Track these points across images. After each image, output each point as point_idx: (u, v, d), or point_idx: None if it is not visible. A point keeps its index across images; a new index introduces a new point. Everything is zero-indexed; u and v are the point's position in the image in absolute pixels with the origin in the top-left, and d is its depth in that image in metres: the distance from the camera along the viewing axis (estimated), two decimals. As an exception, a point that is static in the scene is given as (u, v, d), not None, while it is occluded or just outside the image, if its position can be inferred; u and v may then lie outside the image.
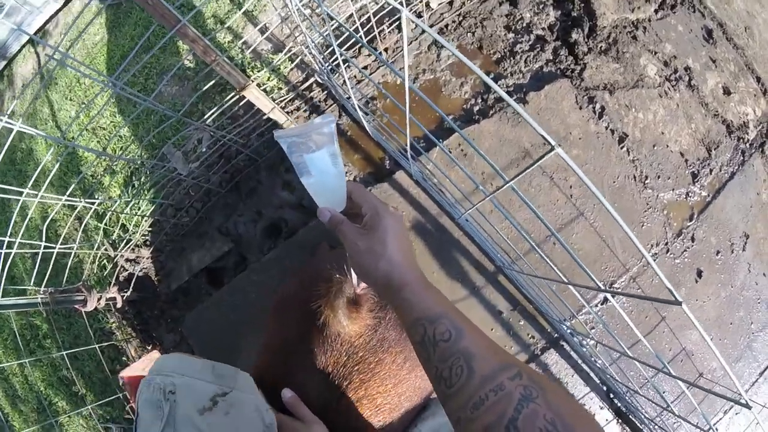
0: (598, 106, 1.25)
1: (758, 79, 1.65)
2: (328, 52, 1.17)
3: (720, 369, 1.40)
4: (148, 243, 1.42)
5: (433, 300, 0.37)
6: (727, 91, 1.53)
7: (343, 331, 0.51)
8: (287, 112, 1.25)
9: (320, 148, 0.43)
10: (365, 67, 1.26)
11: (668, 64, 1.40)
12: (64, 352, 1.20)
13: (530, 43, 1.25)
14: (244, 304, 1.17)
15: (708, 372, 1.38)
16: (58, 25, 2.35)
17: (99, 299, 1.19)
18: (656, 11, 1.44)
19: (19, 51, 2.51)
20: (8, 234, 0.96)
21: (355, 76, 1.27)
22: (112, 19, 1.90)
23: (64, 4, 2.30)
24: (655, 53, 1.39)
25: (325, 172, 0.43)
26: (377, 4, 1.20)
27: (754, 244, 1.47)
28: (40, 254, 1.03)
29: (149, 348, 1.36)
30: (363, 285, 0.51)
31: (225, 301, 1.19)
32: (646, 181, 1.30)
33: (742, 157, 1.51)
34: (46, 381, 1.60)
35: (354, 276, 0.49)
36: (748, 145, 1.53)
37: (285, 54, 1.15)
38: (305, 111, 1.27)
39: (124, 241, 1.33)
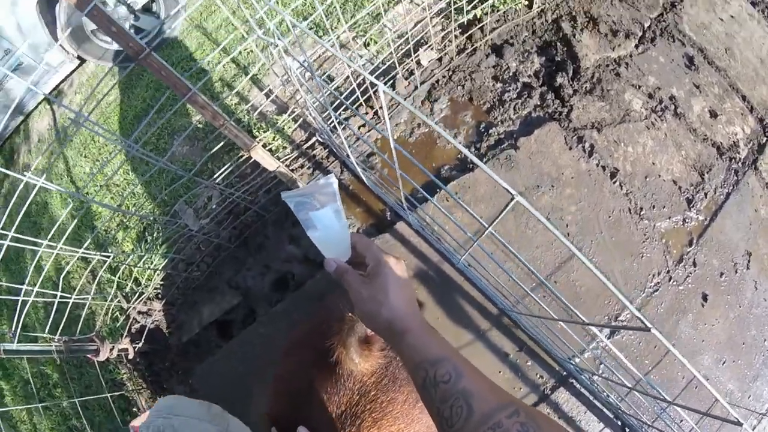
0: (587, 144, 1.30)
1: (744, 98, 1.69)
2: (326, 114, 1.25)
3: (738, 390, 1.39)
4: (160, 296, 1.47)
5: (434, 344, 0.40)
6: (713, 114, 1.57)
7: (356, 369, 0.53)
8: (292, 170, 1.33)
9: (324, 205, 0.48)
10: (363, 125, 1.34)
11: (653, 96, 1.46)
12: (77, 399, 1.24)
13: (518, 90, 1.32)
14: (252, 356, 1.21)
15: (726, 394, 1.37)
16: (72, 84, 2.51)
17: (111, 350, 1.24)
18: (636, 46, 1.51)
19: (36, 107, 2.67)
20: (25, 283, 1.01)
21: (354, 134, 1.34)
22: (125, 81, 2.03)
23: (79, 65, 2.46)
24: (639, 87, 1.45)
25: (329, 226, 0.48)
26: (372, 64, 1.28)
27: (758, 261, 1.48)
28: (56, 304, 1.08)
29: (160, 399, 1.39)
30: None
31: (235, 353, 1.23)
32: (642, 213, 1.34)
33: (735, 177, 1.54)
34: (56, 430, 1.62)
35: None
36: (740, 164, 1.56)
37: (288, 115, 1.23)
38: (309, 168, 1.34)
39: (137, 294, 1.39)
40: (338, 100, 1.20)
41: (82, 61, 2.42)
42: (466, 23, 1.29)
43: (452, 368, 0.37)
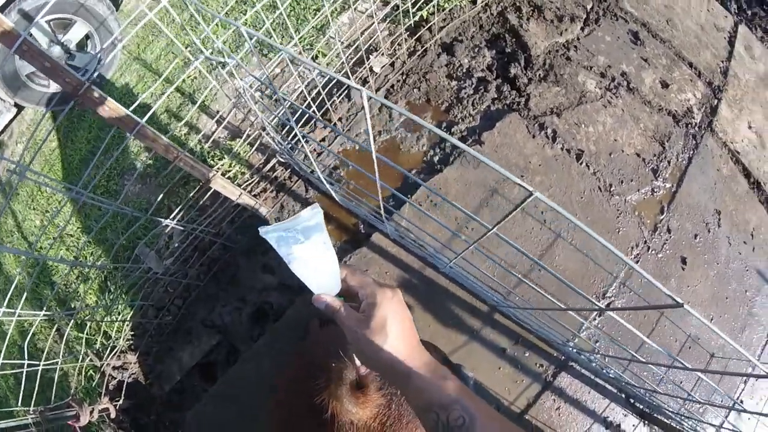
0: (549, 130, 1.31)
1: (690, 65, 1.76)
2: (285, 131, 1.20)
3: (729, 345, 1.42)
4: (133, 347, 1.38)
5: (443, 385, 0.38)
6: (665, 84, 1.63)
7: (356, 418, 0.49)
8: (254, 195, 1.27)
9: (309, 238, 0.43)
10: (323, 139, 1.30)
11: (605, 75, 1.49)
12: (64, 473, 1.13)
13: (474, 86, 1.32)
14: (242, 396, 1.15)
15: (718, 350, 1.40)
16: (12, 134, 2.34)
17: (92, 412, 1.14)
18: (582, 28, 1.54)
19: (-24, 164, 2.47)
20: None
21: (315, 149, 1.30)
22: (67, 124, 1.91)
23: (17, 113, 2.30)
24: (591, 68, 1.47)
25: (316, 259, 0.44)
26: (323, 77, 1.25)
27: (728, 218, 1.53)
28: (24, 373, 0.98)
29: (155, 459, 1.29)
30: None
31: (222, 396, 1.17)
32: (612, 189, 1.35)
33: (694, 141, 1.59)
34: None
35: (356, 358, 0.48)
36: (697, 128, 1.62)
37: (243, 139, 1.18)
38: (272, 191, 1.29)
39: (108, 348, 1.29)
40: (299, 112, 1.16)
41: (20, 108, 2.27)
42: (413, 25, 1.27)
43: (465, 412, 0.35)
